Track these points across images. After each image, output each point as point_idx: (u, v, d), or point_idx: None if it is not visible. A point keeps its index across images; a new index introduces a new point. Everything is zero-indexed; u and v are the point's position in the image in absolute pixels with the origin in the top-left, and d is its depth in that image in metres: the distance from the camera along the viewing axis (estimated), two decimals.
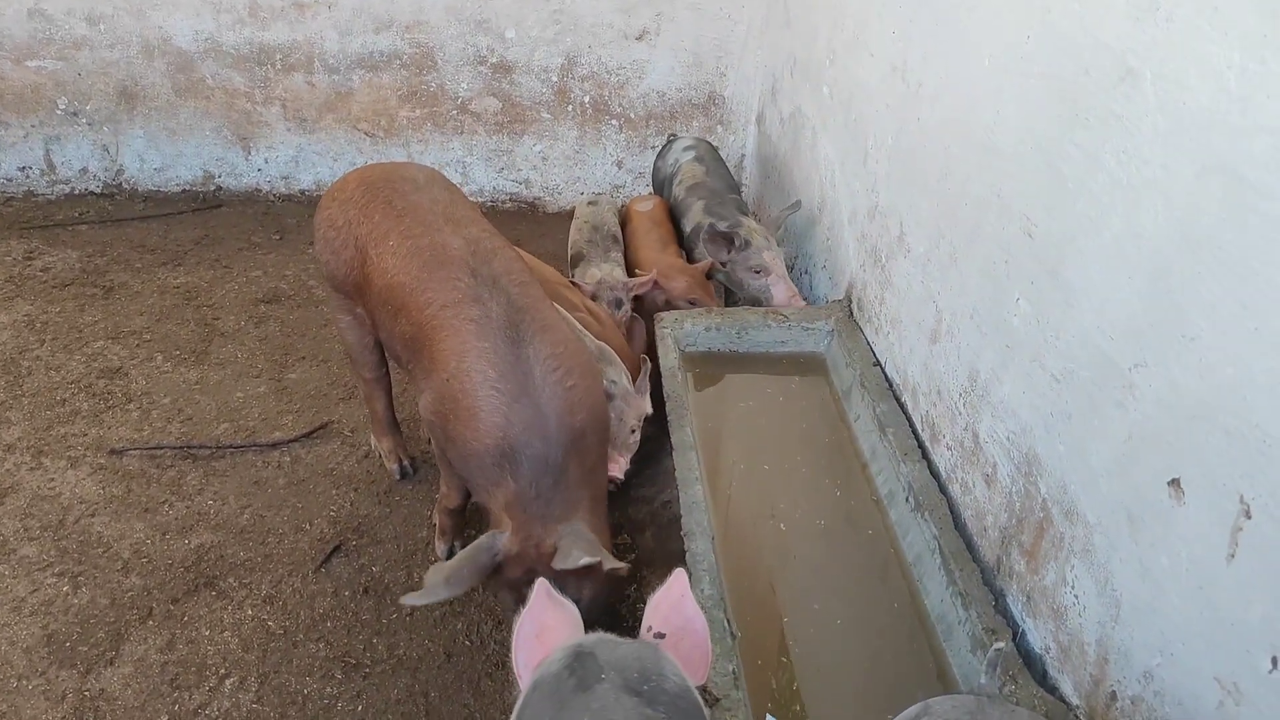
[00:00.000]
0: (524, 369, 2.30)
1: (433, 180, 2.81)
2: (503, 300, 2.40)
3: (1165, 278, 1.70)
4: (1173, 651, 1.67)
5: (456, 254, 2.49)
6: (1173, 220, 1.68)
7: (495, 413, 2.27)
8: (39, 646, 2.64)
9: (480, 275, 2.44)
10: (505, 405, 2.27)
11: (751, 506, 2.83)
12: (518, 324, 2.37)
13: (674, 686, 1.35)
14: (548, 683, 1.36)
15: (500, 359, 2.31)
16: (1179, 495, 1.66)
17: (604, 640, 1.43)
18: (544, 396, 2.29)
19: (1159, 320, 1.72)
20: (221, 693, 2.55)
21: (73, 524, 3.05)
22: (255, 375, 3.85)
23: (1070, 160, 2.02)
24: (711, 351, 3.44)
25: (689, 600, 1.54)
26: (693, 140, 4.50)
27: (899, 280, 3.00)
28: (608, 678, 1.32)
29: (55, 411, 3.55)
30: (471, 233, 2.59)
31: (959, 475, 2.55)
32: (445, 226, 2.58)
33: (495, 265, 2.50)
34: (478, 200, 5.51)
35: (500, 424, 2.27)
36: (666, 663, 1.39)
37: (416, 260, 2.51)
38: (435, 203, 2.67)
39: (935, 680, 2.28)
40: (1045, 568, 2.10)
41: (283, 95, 5.16)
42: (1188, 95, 1.64)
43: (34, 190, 5.23)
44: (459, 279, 2.43)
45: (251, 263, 4.72)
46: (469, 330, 2.35)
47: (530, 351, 2.33)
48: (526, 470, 2.27)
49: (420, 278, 2.48)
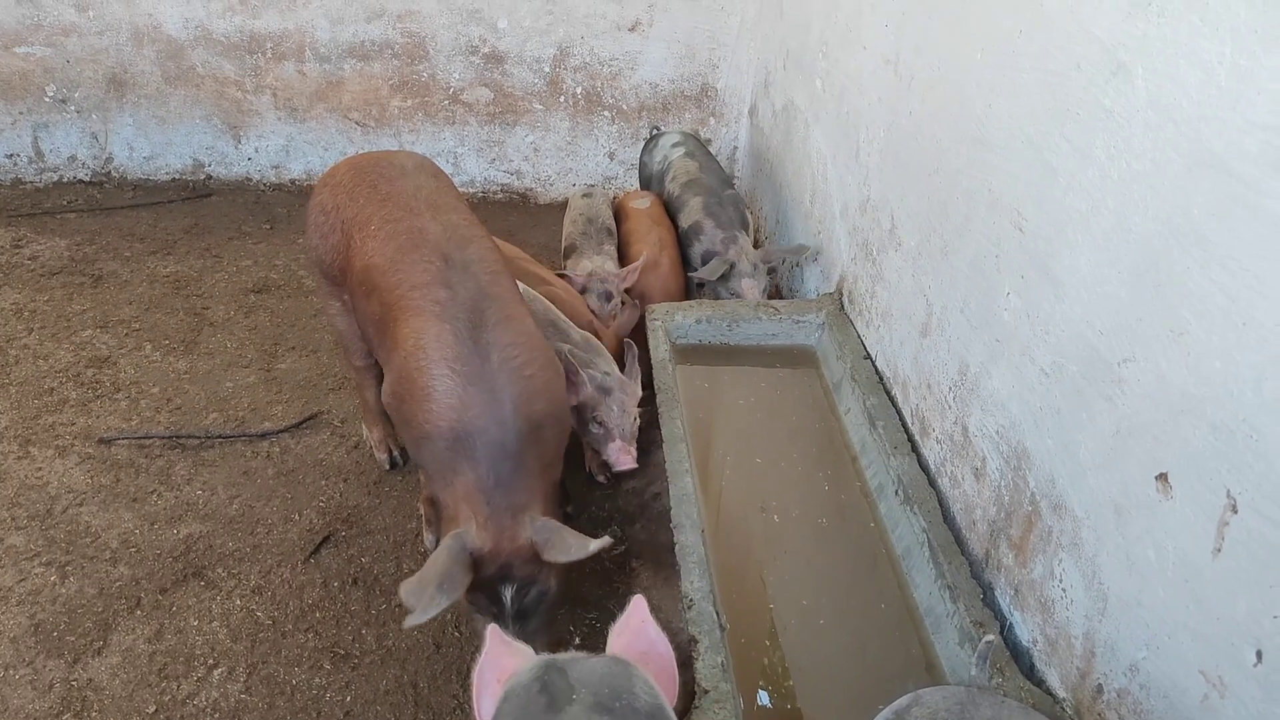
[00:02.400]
0: (482, 353, 2.26)
1: (421, 167, 2.81)
2: (471, 286, 2.37)
3: (1154, 272, 1.70)
4: (1159, 645, 1.68)
5: (432, 238, 2.48)
6: (1162, 215, 1.68)
7: (449, 394, 2.22)
8: (26, 636, 2.63)
9: (452, 260, 2.42)
10: (460, 387, 2.22)
11: (742, 499, 2.83)
12: (483, 310, 2.33)
13: (646, 705, 1.33)
14: (517, 698, 1.33)
15: (459, 341, 2.27)
16: (1166, 489, 1.66)
17: (574, 658, 1.41)
18: (500, 381, 2.24)
19: (1147, 315, 1.72)
20: (210, 683, 2.55)
21: (60, 513, 3.04)
22: (245, 365, 3.84)
23: (1061, 154, 2.02)
24: (702, 344, 3.44)
25: (650, 624, 1.52)
26: (680, 135, 4.47)
27: (890, 273, 3.00)
28: (579, 697, 1.30)
29: (43, 400, 3.53)
30: (451, 219, 2.57)
31: (948, 469, 2.56)
32: (425, 211, 2.57)
33: (469, 252, 2.47)
34: (469, 191, 5.50)
35: (455, 405, 2.22)
36: (638, 680, 1.37)
37: (393, 243, 2.50)
38: (419, 189, 2.66)
39: (924, 672, 2.28)
40: (1033, 561, 2.10)
41: (273, 84, 5.13)
42: (1178, 90, 1.64)
43: (22, 178, 5.20)
44: (431, 262, 2.41)
45: (241, 252, 4.70)
46: (432, 311, 2.32)
47: (491, 337, 2.29)
48: (484, 457, 2.20)
49: (394, 259, 2.46)
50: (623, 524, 3.16)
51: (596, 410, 2.91)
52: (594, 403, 2.92)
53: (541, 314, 3.14)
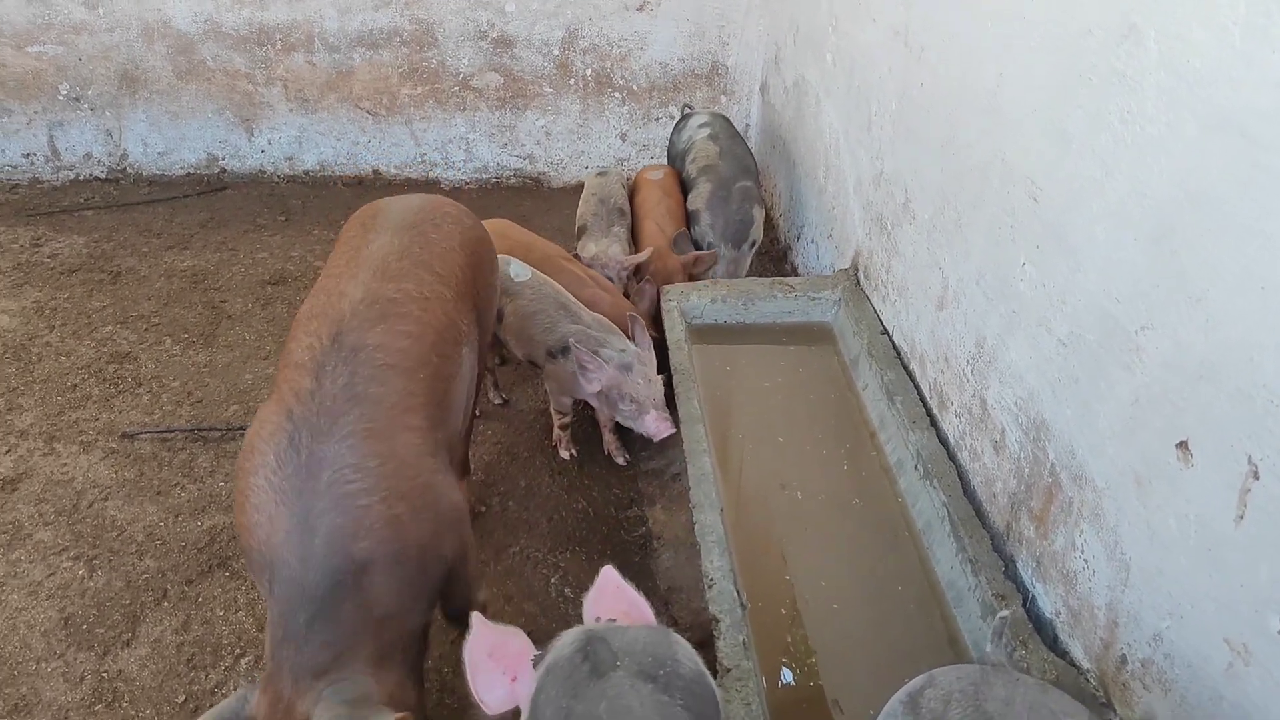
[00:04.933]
0: (312, 468, 1.81)
1: (418, 222, 2.40)
2: (342, 381, 1.92)
3: (1170, 238, 1.68)
4: (1182, 614, 1.67)
5: (339, 309, 2.06)
6: (1177, 179, 1.66)
7: (259, 509, 1.81)
8: (57, 629, 2.67)
9: (342, 342, 1.98)
10: (271, 503, 1.80)
11: (760, 477, 2.83)
12: (337, 415, 1.87)
13: (689, 671, 1.34)
14: (561, 669, 1.35)
15: (292, 446, 1.83)
16: (1187, 457, 1.65)
17: (613, 628, 1.42)
18: (318, 506, 1.78)
19: (1164, 281, 1.70)
20: (237, 671, 2.57)
21: (86, 508, 3.07)
22: (263, 357, 3.86)
23: (1074, 121, 1.99)
24: (718, 324, 3.43)
25: (627, 588, 1.54)
26: (708, 116, 4.42)
27: (905, 247, 2.98)
28: (622, 664, 1.32)
29: (66, 397, 3.57)
30: (381, 289, 2.13)
31: (967, 442, 2.54)
32: (361, 273, 2.17)
33: (371, 334, 2.02)
34: (482, 177, 5.50)
35: (264, 524, 1.80)
36: (680, 647, 1.38)
37: (309, 304, 2.15)
38: (384, 246, 2.27)
39: (946, 646, 2.28)
40: (1055, 533, 2.09)
41: (284, 75, 5.14)
42: (1191, 51, 1.62)
43: (39, 177, 5.24)
44: (318, 338, 2.00)
45: (257, 244, 4.72)
46: (288, 402, 1.90)
47: (329, 451, 1.83)
48: (280, 596, 1.77)
49: (297, 322, 2.12)
50: (643, 505, 3.17)
51: (623, 387, 2.92)
52: (618, 382, 2.93)
53: (552, 297, 3.14)
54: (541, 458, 3.40)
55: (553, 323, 3.09)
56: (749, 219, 3.83)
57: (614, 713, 1.26)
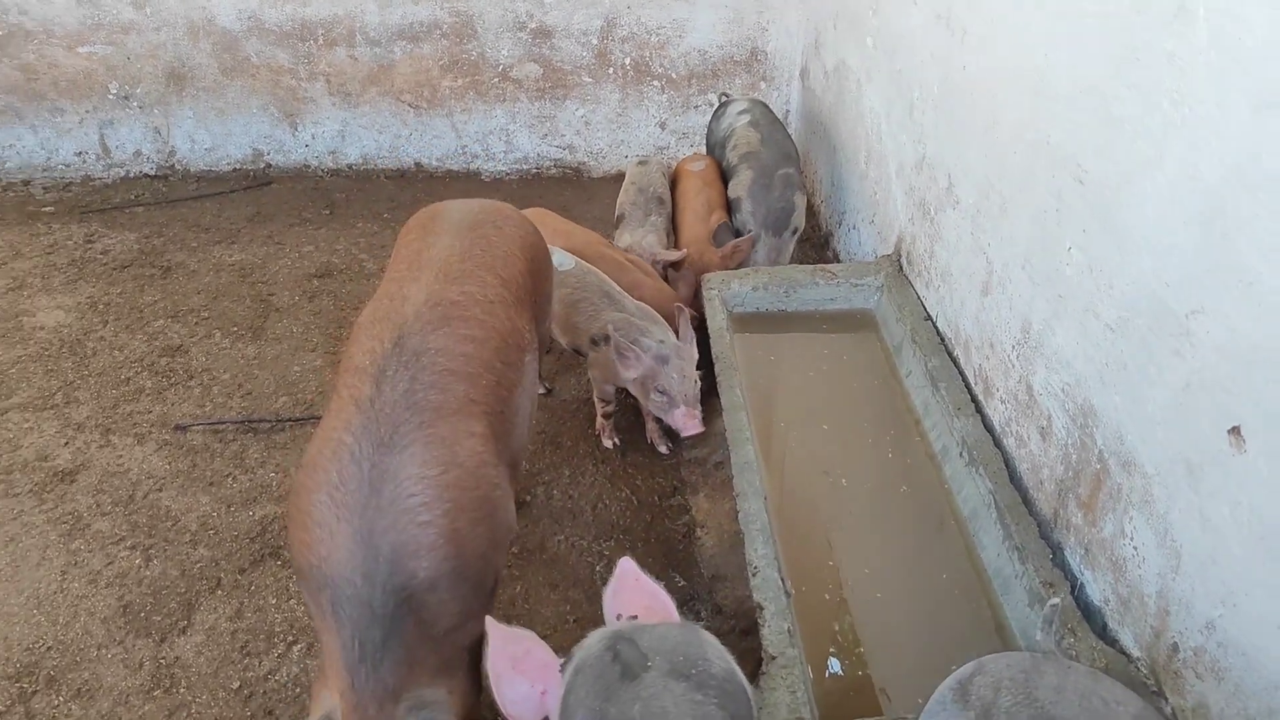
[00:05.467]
0: (374, 483, 1.76)
1: (478, 223, 2.37)
2: (402, 387, 1.88)
3: (1221, 220, 1.65)
4: (1235, 602, 1.64)
5: (402, 312, 2.03)
6: (1229, 160, 1.63)
7: (321, 526, 1.75)
8: (116, 617, 2.74)
9: (404, 346, 1.95)
10: (333, 520, 1.74)
11: (804, 465, 2.83)
12: (399, 423, 1.82)
13: (720, 670, 1.33)
14: (590, 671, 1.34)
15: (354, 460, 1.78)
16: (1239, 443, 1.62)
17: (639, 627, 1.41)
18: (381, 524, 1.73)
19: (1216, 264, 1.67)
20: (290, 658, 2.62)
21: (142, 499, 3.14)
22: (311, 349, 3.91)
23: (1123, 102, 1.96)
24: (759, 311, 3.42)
25: (645, 579, 1.54)
26: (747, 103, 4.41)
27: (948, 232, 2.95)
28: (654, 664, 1.30)
29: (121, 390, 3.65)
30: (444, 292, 2.10)
31: (1013, 428, 2.52)
32: (423, 276, 2.14)
33: (434, 338, 1.98)
34: (522, 168, 5.52)
35: (325, 542, 1.74)
36: (709, 645, 1.37)
37: (371, 307, 2.12)
38: (446, 248, 2.24)
39: (993, 634, 2.27)
40: (1103, 520, 2.07)
41: (326, 70, 5.19)
42: (1243, 29, 1.58)
43: (91, 174, 5.34)
44: (380, 341, 1.96)
45: (303, 238, 4.78)
46: (348, 411, 1.86)
47: (393, 463, 1.78)
48: (347, 618, 1.71)
49: (359, 326, 2.08)
50: (686, 494, 3.18)
51: (657, 379, 2.92)
52: (653, 373, 2.93)
53: (596, 285, 3.15)
54: (585, 446, 3.42)
55: (596, 310, 3.11)
56: (791, 206, 3.81)
57: (649, 715, 1.25)
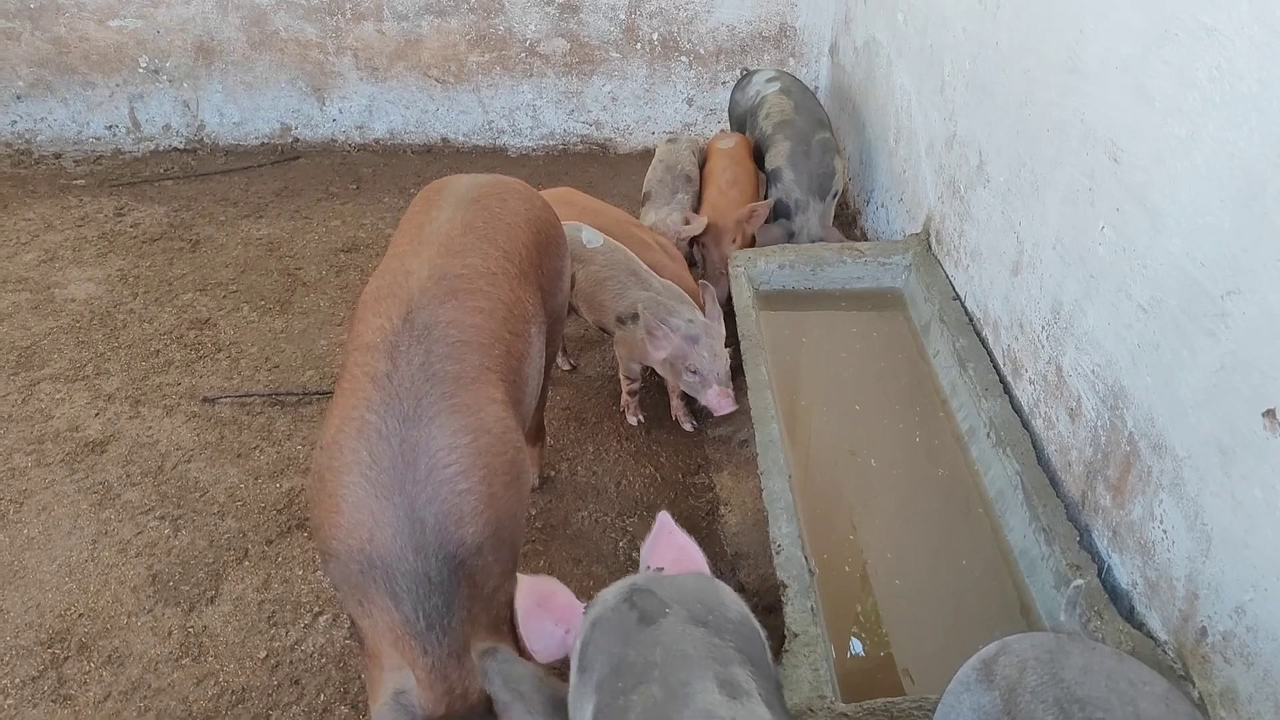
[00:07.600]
0: (408, 457, 1.77)
1: (480, 197, 2.36)
2: (418, 360, 1.88)
3: (1260, 198, 1.62)
4: (1266, 586, 1.62)
5: (408, 286, 2.03)
6: (1270, 138, 1.60)
7: (359, 508, 1.75)
8: (145, 586, 2.77)
9: (414, 320, 1.94)
10: (372, 500, 1.75)
11: (830, 444, 2.82)
12: (421, 396, 1.83)
13: (736, 615, 1.37)
14: (609, 619, 1.38)
15: (382, 438, 1.78)
16: (1274, 426, 1.60)
17: (655, 577, 1.45)
18: (423, 497, 1.75)
19: (1253, 244, 1.64)
20: (316, 629, 2.65)
21: (171, 470, 3.18)
22: (337, 323, 3.93)
23: (1159, 79, 1.92)
24: (786, 289, 3.40)
25: (678, 532, 1.59)
26: (775, 72, 4.38)
27: (978, 211, 2.92)
28: (672, 611, 1.34)
29: (150, 362, 3.68)
30: (449, 265, 2.09)
31: (1042, 410, 2.50)
32: (426, 250, 2.13)
33: (443, 311, 1.98)
34: (549, 144, 5.50)
35: (366, 523, 1.74)
36: (725, 592, 1.41)
37: (375, 283, 2.12)
38: (447, 221, 2.24)
39: (1019, 616, 2.26)
40: (1132, 502, 2.05)
41: (354, 44, 5.19)
42: None
43: (121, 148, 5.38)
44: (389, 318, 1.96)
45: (330, 213, 4.80)
46: (365, 389, 1.85)
47: (422, 435, 1.79)
48: (405, 592, 1.73)
49: (364, 304, 2.08)
50: (710, 471, 3.18)
51: (688, 359, 2.92)
52: (683, 353, 2.92)
53: (623, 263, 3.14)
54: (609, 423, 3.42)
55: (623, 289, 3.10)
56: (831, 170, 3.78)
57: (669, 657, 1.28)
